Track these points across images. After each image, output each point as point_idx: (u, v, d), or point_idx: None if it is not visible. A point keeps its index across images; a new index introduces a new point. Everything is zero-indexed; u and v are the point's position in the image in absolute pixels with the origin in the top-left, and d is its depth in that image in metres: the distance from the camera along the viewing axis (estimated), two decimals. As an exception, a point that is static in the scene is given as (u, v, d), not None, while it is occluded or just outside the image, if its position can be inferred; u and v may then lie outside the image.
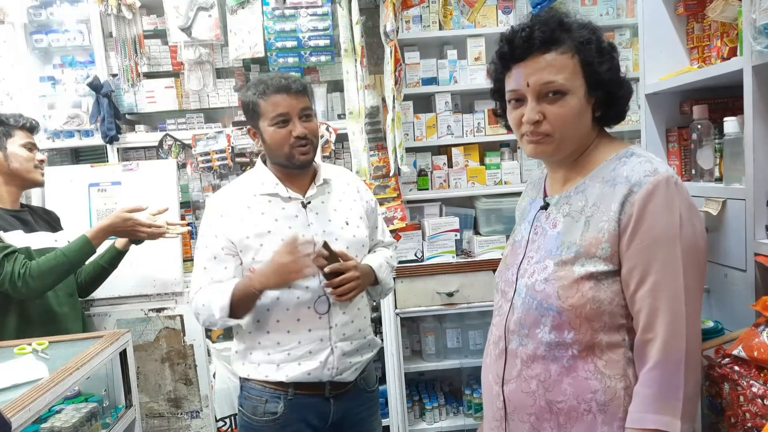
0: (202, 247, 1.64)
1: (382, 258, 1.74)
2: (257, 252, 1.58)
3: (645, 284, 1.04)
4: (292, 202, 1.63)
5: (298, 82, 1.61)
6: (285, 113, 1.57)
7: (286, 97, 1.57)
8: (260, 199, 1.63)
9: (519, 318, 1.15)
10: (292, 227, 1.60)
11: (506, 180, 2.86)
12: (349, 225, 1.67)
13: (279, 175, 1.65)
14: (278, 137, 1.58)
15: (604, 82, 1.10)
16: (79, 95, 2.73)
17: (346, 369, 1.63)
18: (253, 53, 2.66)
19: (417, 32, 2.82)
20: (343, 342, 1.61)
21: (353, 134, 2.57)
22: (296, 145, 1.58)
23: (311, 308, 1.58)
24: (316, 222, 1.63)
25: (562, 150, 1.15)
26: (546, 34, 1.09)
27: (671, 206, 1.03)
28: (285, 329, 1.59)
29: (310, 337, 1.58)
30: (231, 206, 1.63)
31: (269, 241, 1.58)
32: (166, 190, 2.60)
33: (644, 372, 1.04)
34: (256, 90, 1.59)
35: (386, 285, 1.74)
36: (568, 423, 1.10)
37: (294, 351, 1.58)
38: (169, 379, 2.51)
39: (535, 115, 1.10)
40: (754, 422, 1.15)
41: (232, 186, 1.72)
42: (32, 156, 2.04)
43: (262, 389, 1.62)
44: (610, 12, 2.87)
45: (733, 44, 1.64)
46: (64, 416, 1.63)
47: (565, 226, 1.14)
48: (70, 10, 2.71)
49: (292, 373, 1.58)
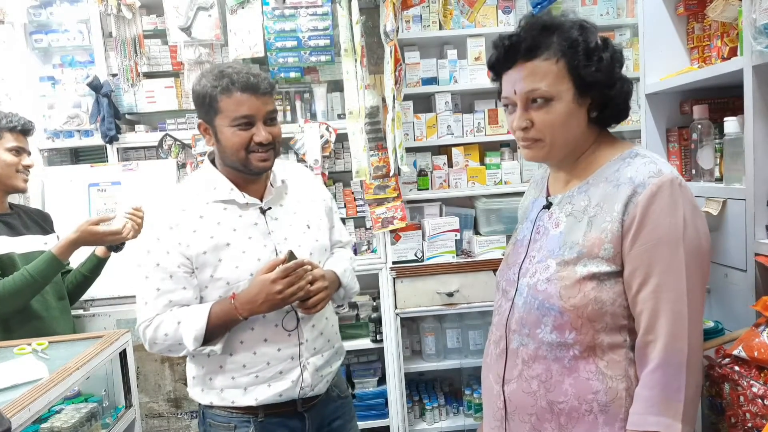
0: (151, 266, 1.41)
1: (346, 262, 1.63)
2: (215, 268, 1.42)
3: (647, 286, 1.04)
4: (249, 209, 1.47)
5: (267, 81, 1.42)
6: (249, 116, 1.39)
7: (253, 97, 1.39)
8: (214, 206, 1.45)
9: (520, 318, 1.15)
10: (252, 237, 1.45)
11: (506, 180, 2.86)
12: (310, 229, 1.54)
13: (232, 178, 1.48)
14: (237, 140, 1.40)
15: (592, 84, 1.09)
16: (78, 95, 2.72)
17: (317, 383, 1.51)
18: (253, 53, 2.66)
19: (417, 32, 2.82)
20: (315, 357, 1.50)
21: (353, 134, 2.57)
22: (254, 151, 1.41)
23: (278, 326, 1.45)
24: (277, 229, 1.49)
25: (555, 154, 1.15)
26: (528, 42, 1.10)
27: (675, 208, 1.03)
28: (251, 350, 1.44)
29: (279, 357, 1.45)
30: (181, 216, 1.43)
31: (228, 255, 1.42)
32: (165, 190, 2.60)
33: (645, 374, 1.04)
34: (218, 83, 1.38)
35: (350, 289, 1.62)
36: (569, 423, 1.10)
37: (263, 373, 1.44)
38: (168, 379, 2.51)
39: (522, 122, 1.12)
40: (754, 422, 1.15)
41: (180, 192, 1.52)
42: (16, 161, 1.95)
43: (228, 415, 1.47)
44: (610, 12, 2.87)
45: (733, 44, 1.64)
46: (64, 416, 1.63)
47: (568, 225, 1.14)
48: (70, 9, 2.70)
49: (262, 396, 1.45)
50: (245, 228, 1.46)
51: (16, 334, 1.88)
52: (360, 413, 2.60)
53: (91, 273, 2.14)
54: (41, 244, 2.01)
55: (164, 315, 1.42)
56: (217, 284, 1.43)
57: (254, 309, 1.39)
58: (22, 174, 1.98)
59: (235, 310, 1.38)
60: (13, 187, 1.99)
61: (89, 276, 2.15)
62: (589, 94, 1.10)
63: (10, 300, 1.81)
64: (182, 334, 1.39)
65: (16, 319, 1.90)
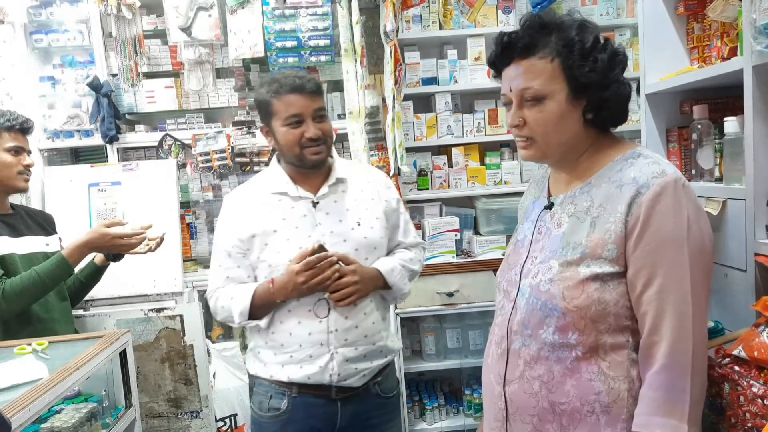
0: (218, 244, 1.65)
1: (397, 261, 1.67)
2: (262, 251, 1.58)
3: (651, 286, 1.04)
4: (301, 201, 1.61)
5: (313, 81, 1.58)
6: (298, 114, 1.54)
7: (300, 97, 1.54)
8: (271, 197, 1.62)
9: (522, 318, 1.15)
10: (299, 227, 1.58)
11: (506, 180, 2.86)
12: (361, 225, 1.63)
13: (291, 173, 1.63)
14: (290, 138, 1.55)
15: (587, 85, 1.09)
16: (78, 95, 2.73)
17: (351, 375, 1.58)
18: (253, 53, 2.66)
19: (417, 32, 2.82)
20: (346, 348, 1.56)
21: (353, 134, 2.57)
22: (307, 146, 1.55)
23: (311, 311, 1.56)
24: (325, 222, 1.60)
25: (549, 154, 1.15)
26: (525, 40, 1.10)
27: (679, 208, 1.03)
28: (287, 331, 1.57)
29: (310, 341, 1.56)
30: (243, 204, 1.64)
31: (274, 240, 1.57)
32: (165, 190, 2.61)
33: (650, 375, 1.04)
34: (269, 89, 1.56)
35: (399, 290, 1.67)
36: (571, 424, 1.10)
37: (295, 354, 1.57)
38: (169, 379, 2.51)
39: (515, 120, 1.13)
40: (754, 422, 1.15)
41: (248, 183, 1.72)
42: (16, 161, 1.91)
43: (268, 386, 1.62)
44: (610, 12, 2.87)
45: (733, 44, 1.64)
46: (64, 416, 1.63)
47: (570, 226, 1.13)
48: (70, 10, 2.70)
49: (293, 375, 1.57)
50: (294, 218, 1.60)
51: (17, 336, 1.86)
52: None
53: (88, 280, 2.12)
54: (43, 245, 1.99)
55: (223, 290, 1.62)
56: (262, 266, 1.59)
57: (287, 294, 1.54)
58: (23, 174, 1.95)
59: (272, 294, 1.54)
60: (14, 187, 1.96)
61: (86, 283, 2.13)
62: (583, 95, 1.10)
63: (17, 300, 1.79)
64: (232, 308, 1.58)
65: (16, 321, 1.88)
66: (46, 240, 2.03)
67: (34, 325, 1.92)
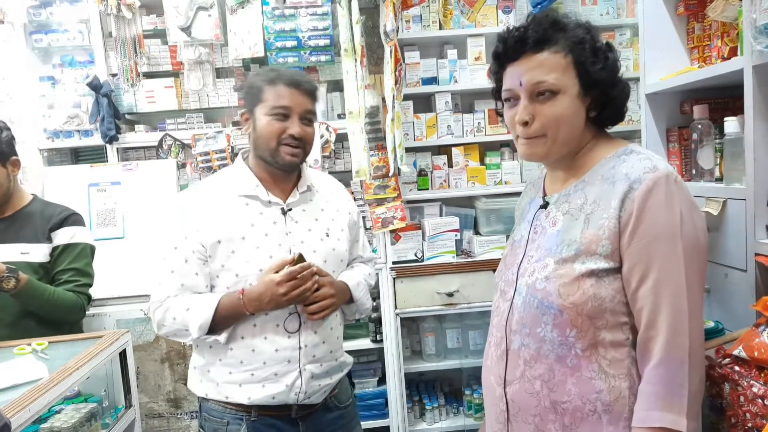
0: (170, 248, 1.47)
1: (361, 276, 1.62)
2: (227, 258, 1.45)
3: (646, 281, 1.04)
4: (272, 207, 1.50)
5: (312, 83, 1.52)
6: (287, 107, 1.46)
7: (295, 92, 1.47)
8: (237, 200, 1.49)
9: (520, 318, 1.15)
10: (269, 234, 1.47)
11: (506, 180, 2.86)
12: (329, 237, 1.56)
13: (260, 175, 1.52)
14: (271, 129, 1.45)
15: (597, 82, 1.10)
16: (78, 95, 2.72)
17: (315, 392, 1.49)
18: (253, 53, 2.66)
19: (417, 32, 2.82)
20: (313, 364, 1.48)
21: (353, 134, 2.57)
22: (286, 143, 1.46)
23: (280, 326, 1.45)
24: (295, 231, 1.51)
25: (555, 151, 1.15)
26: (539, 34, 1.10)
27: (671, 203, 1.03)
28: (249, 347, 1.45)
29: (276, 358, 1.44)
30: (206, 205, 1.49)
31: (241, 247, 1.45)
32: (165, 190, 2.60)
33: (648, 369, 1.04)
34: (266, 76, 1.49)
35: (362, 305, 1.61)
36: (573, 423, 1.10)
37: (258, 372, 1.44)
38: (168, 379, 2.51)
39: (525, 116, 1.12)
40: (754, 422, 1.15)
41: (207, 183, 1.57)
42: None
43: (222, 410, 1.48)
44: (610, 12, 2.87)
45: (733, 44, 1.64)
46: (64, 416, 1.63)
47: (565, 224, 1.14)
48: (69, 9, 2.70)
49: (255, 395, 1.44)
50: (263, 225, 1.48)
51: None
52: (360, 413, 2.59)
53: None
54: (18, 254, 1.92)
55: (175, 299, 1.46)
56: (227, 275, 1.46)
57: (261, 306, 1.42)
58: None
59: (243, 306, 1.42)
60: None
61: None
62: (591, 92, 1.11)
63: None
64: (189, 320, 1.43)
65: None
66: (27, 248, 1.95)
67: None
